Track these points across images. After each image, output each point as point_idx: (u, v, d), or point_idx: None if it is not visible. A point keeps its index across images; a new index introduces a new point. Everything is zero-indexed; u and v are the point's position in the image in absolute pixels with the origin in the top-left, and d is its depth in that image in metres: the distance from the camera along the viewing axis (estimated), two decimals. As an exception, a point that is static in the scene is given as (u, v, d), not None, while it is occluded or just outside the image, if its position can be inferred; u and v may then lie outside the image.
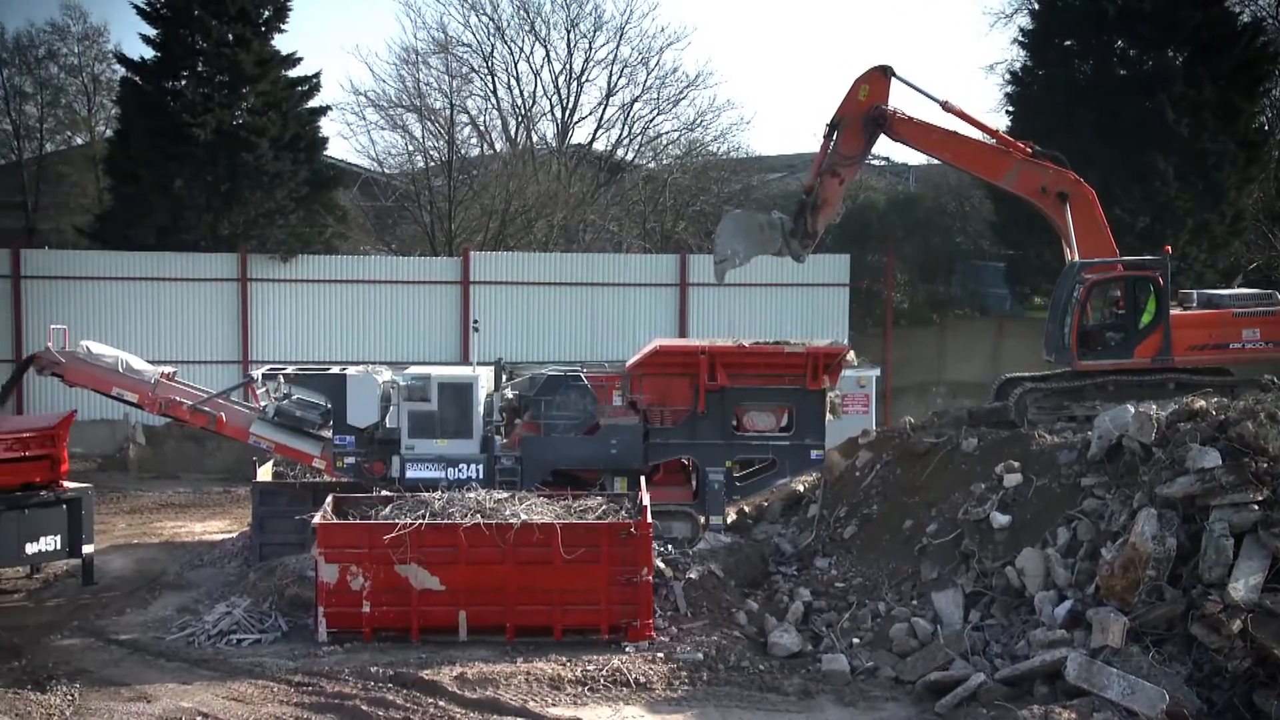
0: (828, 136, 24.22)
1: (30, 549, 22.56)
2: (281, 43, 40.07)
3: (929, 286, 45.55)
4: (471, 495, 20.35)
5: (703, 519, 23.64)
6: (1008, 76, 41.44)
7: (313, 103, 40.49)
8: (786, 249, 24.71)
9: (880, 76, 23.94)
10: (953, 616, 18.82)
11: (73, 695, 17.33)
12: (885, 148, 53.39)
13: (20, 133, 49.84)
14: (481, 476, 22.94)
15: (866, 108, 23.88)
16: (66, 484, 23.15)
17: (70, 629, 20.54)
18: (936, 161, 27.67)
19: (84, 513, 23.07)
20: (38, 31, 50.56)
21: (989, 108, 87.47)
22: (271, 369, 24.87)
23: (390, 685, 17.63)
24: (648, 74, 50.90)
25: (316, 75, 40.44)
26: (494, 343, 34.65)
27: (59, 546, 22.85)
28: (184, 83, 38.50)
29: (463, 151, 48.60)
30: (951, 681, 17.21)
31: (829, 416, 24.19)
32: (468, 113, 49.51)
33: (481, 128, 50.65)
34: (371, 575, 19.26)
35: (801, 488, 25.44)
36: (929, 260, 45.23)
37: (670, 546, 22.01)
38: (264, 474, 24.95)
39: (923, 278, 45.45)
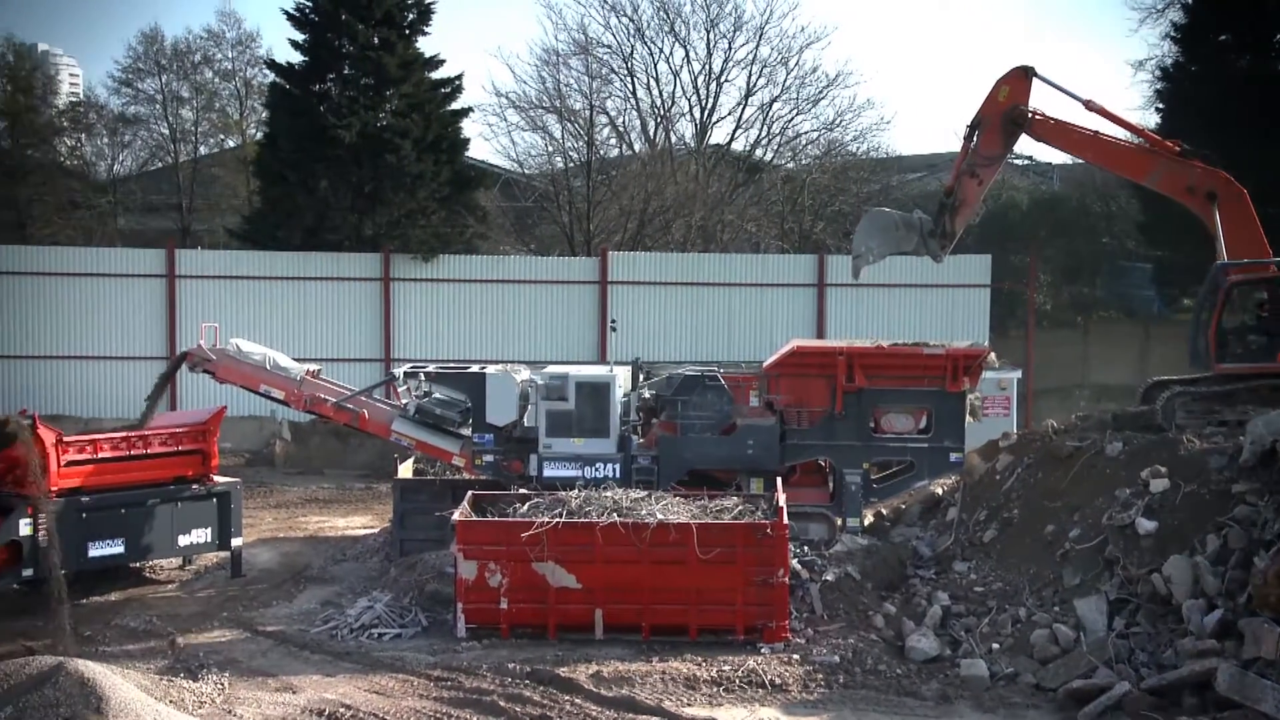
0: (968, 137, 23.91)
1: (182, 541, 23.19)
2: (425, 45, 40.91)
3: (1073, 288, 44.68)
4: (608, 494, 20.43)
5: (839, 521, 23.46)
6: (1157, 73, 40.49)
7: (455, 104, 41.05)
8: (925, 248, 24.42)
9: (1021, 77, 23.56)
10: (1096, 623, 18.42)
11: (223, 684, 17.75)
12: (1029, 147, 52.55)
13: (176, 136, 51.36)
14: (618, 475, 23.01)
15: (1006, 108, 23.53)
16: (216, 478, 23.73)
17: (220, 620, 21.07)
18: (1081, 161, 27.14)
19: (233, 506, 23.65)
20: (194, 38, 52.17)
21: (1136, 105, 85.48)
22: (413, 367, 25.18)
23: (527, 682, 17.77)
24: (787, 74, 50.71)
25: (459, 77, 41.01)
26: (631, 342, 34.75)
27: (209, 539, 23.46)
28: (330, 86, 39.28)
29: (601, 152, 48.86)
30: (1095, 690, 16.85)
31: (969, 419, 23.85)
32: (607, 113, 49.83)
33: (620, 128, 50.92)
34: (509, 572, 19.43)
35: (940, 490, 25.11)
36: (1073, 261, 44.37)
37: (806, 548, 21.87)
38: (405, 471, 25.32)
39: (1066, 279, 44.59)
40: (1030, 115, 23.46)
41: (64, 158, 53.10)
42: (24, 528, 20.88)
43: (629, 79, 50.67)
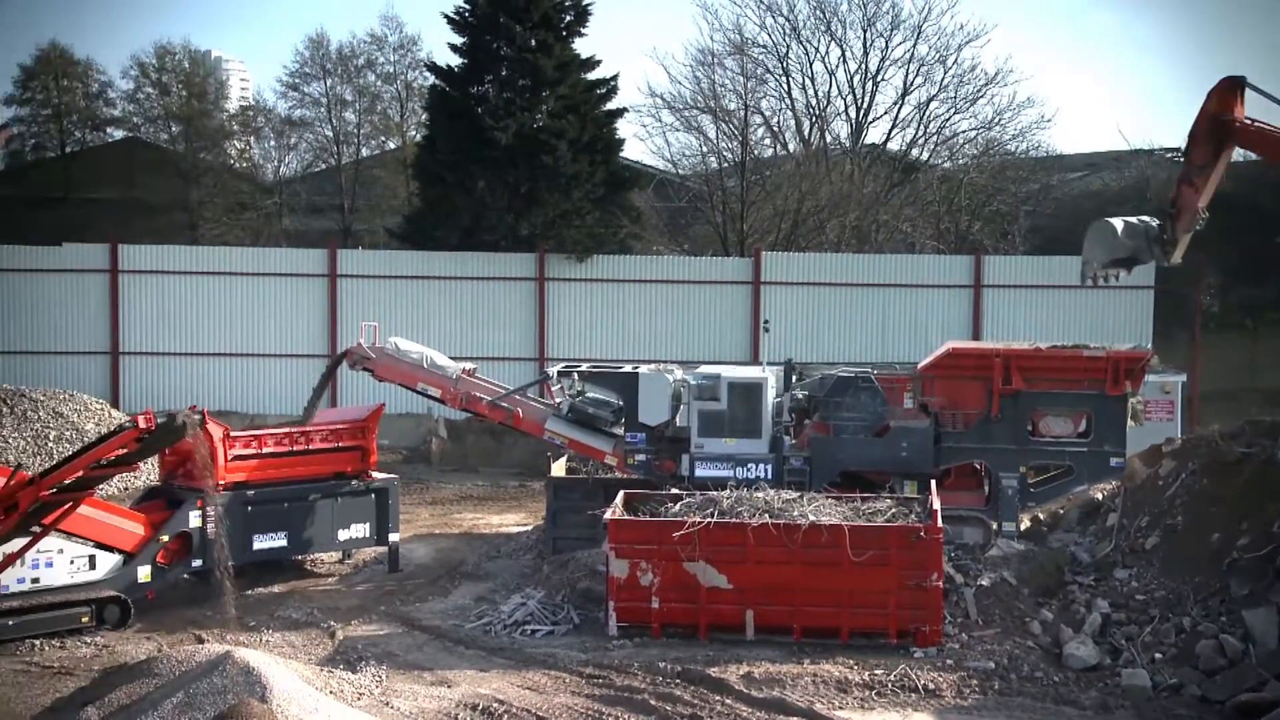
0: (1187, 146, 23.41)
1: (342, 536, 23.71)
2: (581, 47, 41.07)
3: (1242, 289, 43.28)
4: (760, 495, 20.38)
5: (995, 525, 23.07)
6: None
7: (610, 105, 41.25)
8: (1150, 254, 23.84)
9: (1229, 87, 22.93)
10: (1266, 635, 17.86)
11: (380, 676, 18.10)
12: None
13: (339, 138, 52.52)
14: (770, 476, 22.92)
15: (1214, 118, 22.93)
16: (375, 474, 24.21)
17: (378, 613, 21.49)
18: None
19: (390, 502, 24.09)
20: (358, 42, 53.30)
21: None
22: (566, 366, 25.36)
23: (678, 681, 17.81)
24: (945, 72, 49.97)
25: (614, 78, 41.22)
26: (784, 343, 34.61)
27: (368, 534, 23.95)
28: (488, 88, 39.77)
29: (756, 152, 48.72)
30: (1265, 704, 16.34)
31: (1130, 423, 23.29)
32: (762, 113, 49.65)
33: (775, 128, 50.70)
34: (660, 572, 19.48)
35: (1100, 496, 24.52)
36: (1243, 261, 42.97)
37: (961, 552, 21.57)
38: (558, 469, 25.52)
39: (1236, 280, 43.22)
40: (1234, 124, 22.80)
41: (233, 160, 54.68)
42: (193, 520, 21.56)
43: (784, 78, 50.45)
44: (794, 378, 25.12)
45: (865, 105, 50.96)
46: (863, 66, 50.49)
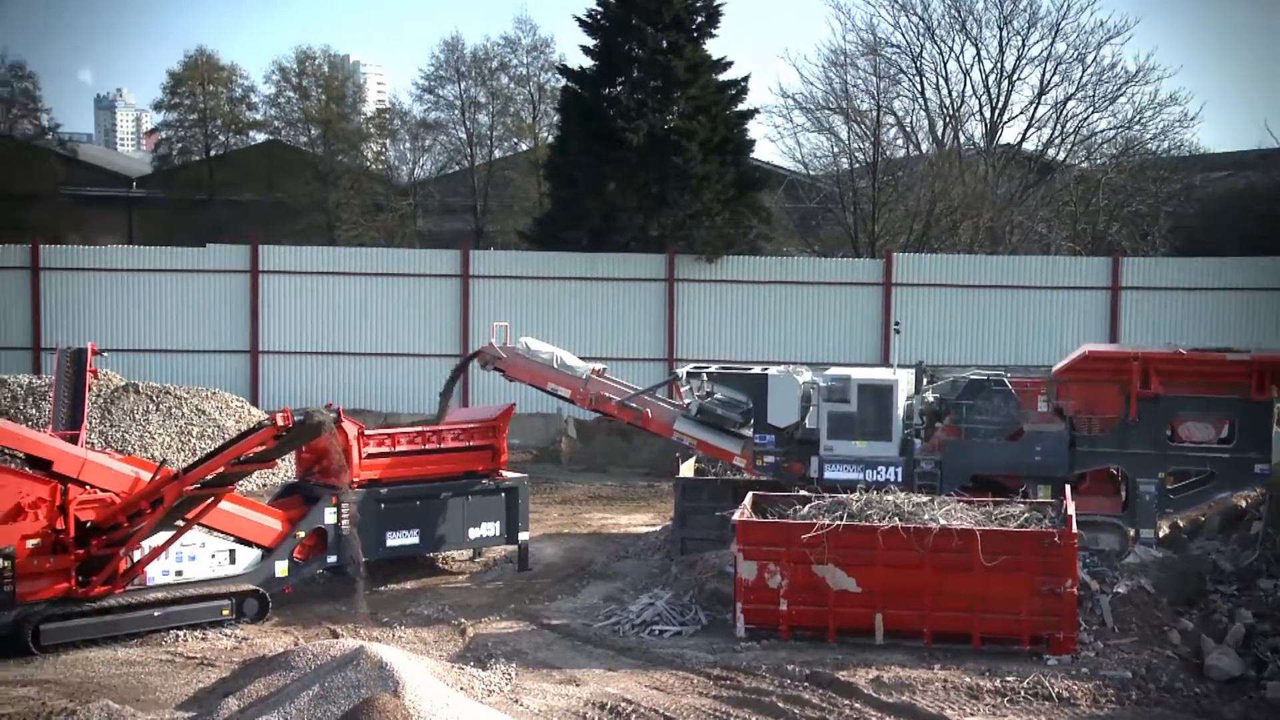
0: None
1: (472, 534, 23.99)
2: (713, 48, 41.02)
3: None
4: (890, 498, 20.21)
5: (1132, 532, 22.59)
6: None
7: (741, 106, 41.14)
8: None
9: None
10: None
11: (510, 674, 18.28)
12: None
13: (473, 140, 53.13)
14: (900, 479, 22.72)
15: None
16: (505, 474, 24.45)
17: (507, 611, 21.70)
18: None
19: (520, 501, 24.32)
20: (492, 45, 53.87)
21: None
22: (695, 367, 25.37)
23: (806, 684, 17.74)
24: (1083, 70, 48.93)
25: (745, 79, 41.10)
26: (915, 345, 34.27)
27: (498, 533, 24.20)
28: (619, 89, 39.92)
29: (888, 153, 48.26)
30: None
31: (1276, 429, 22.64)
32: (894, 114, 49.14)
33: (908, 128, 50.14)
34: (789, 574, 19.42)
35: (1243, 503, 23.89)
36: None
37: (1096, 558, 21.16)
38: (686, 470, 25.54)
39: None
40: None
41: (370, 162, 55.59)
42: (328, 516, 21.97)
43: (917, 78, 49.85)
44: (925, 380, 24.87)
45: (1000, 105, 50.18)
46: (998, 65, 49.73)
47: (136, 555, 19.74)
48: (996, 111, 50.19)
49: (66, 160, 55.75)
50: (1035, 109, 49.87)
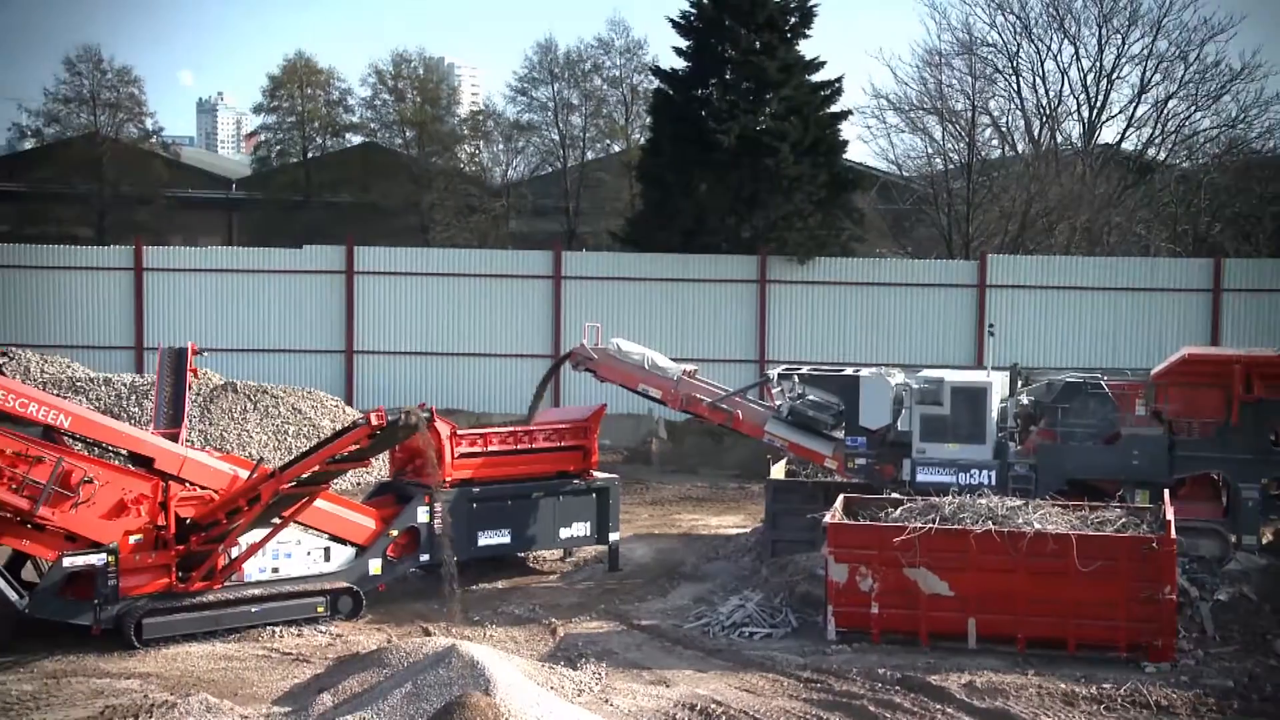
0: None
1: (563, 534, 24.08)
2: (806, 48, 40.88)
3: None
4: (983, 501, 19.99)
5: (1234, 538, 22.16)
6: None
7: (834, 107, 40.97)
8: None
9: None
10: None
11: (600, 674, 18.33)
12: None
13: (565, 142, 53.41)
14: (994, 483, 22.48)
15: None
16: (596, 474, 24.52)
17: (597, 611, 21.77)
18: None
19: (611, 502, 24.38)
20: (585, 47, 54.14)
21: None
22: (787, 369, 25.29)
23: (898, 688, 17.61)
24: (1186, 69, 48.14)
25: (839, 80, 40.95)
26: (1009, 347, 33.95)
27: (588, 533, 24.27)
28: (711, 91, 39.92)
29: (983, 153, 47.78)
30: None
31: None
32: (989, 114, 48.64)
33: (1003, 128, 49.62)
34: (880, 577, 19.30)
35: (1348, 510, 23.37)
36: None
37: (1196, 565, 20.80)
38: (777, 471, 25.46)
39: None
40: None
41: (463, 164, 56.04)
42: (421, 515, 22.17)
43: (1014, 78, 49.29)
44: (1020, 383, 24.61)
45: (1099, 104, 49.50)
46: (1097, 64, 49.07)
47: (234, 552, 20.07)
48: (1095, 111, 49.56)
49: (170, 163, 56.87)
50: (1135, 108, 49.21)
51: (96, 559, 19.10)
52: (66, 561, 19.04)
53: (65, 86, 54.17)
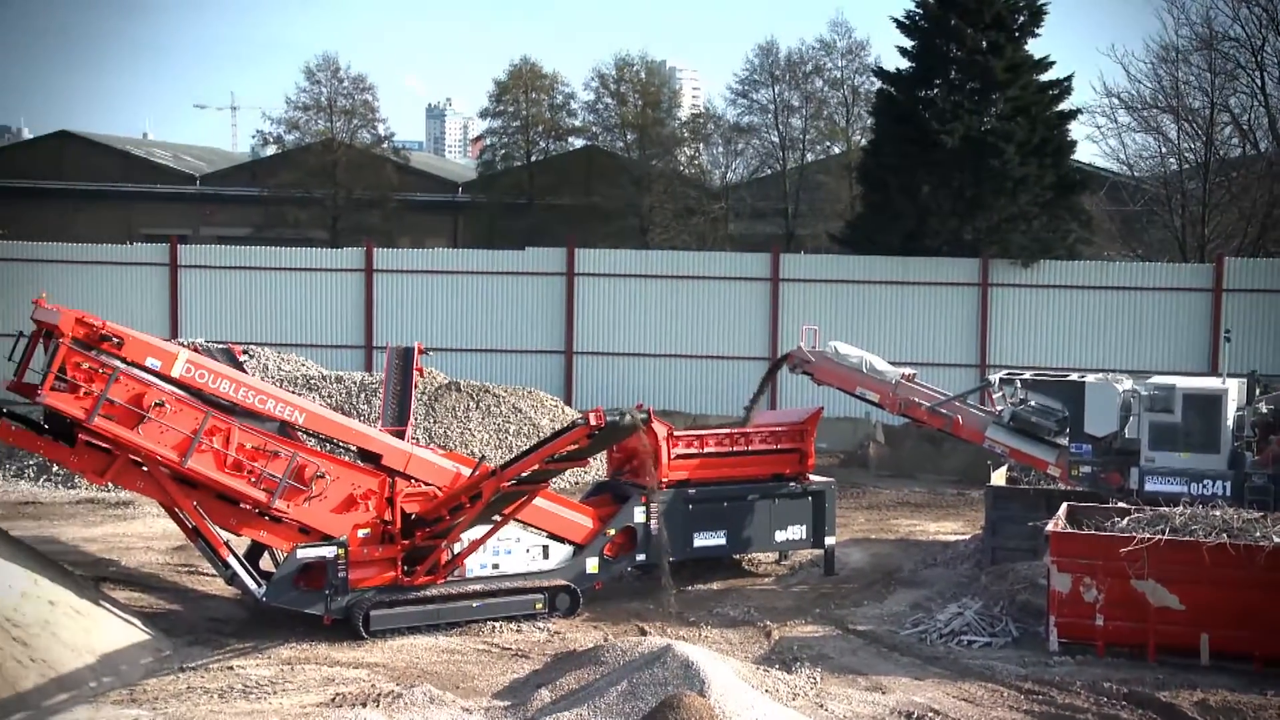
0: None
1: (779, 537, 24.01)
2: (1034, 47, 40.04)
3: None
4: (1216, 513, 19.28)
5: None
6: None
7: (1062, 106, 40.05)
8: None
9: None
10: None
11: (815, 678, 18.24)
12: None
13: (785, 144, 53.28)
14: (1228, 494, 21.62)
15: None
16: (812, 477, 24.40)
17: (813, 615, 21.66)
18: None
19: (827, 506, 24.22)
20: (807, 49, 53.95)
21: None
22: (1009, 374, 24.81)
23: (1124, 703, 17.11)
24: None
25: (1068, 78, 39.98)
26: (1247, 353, 32.70)
27: (804, 536, 24.16)
28: (935, 91, 39.39)
29: (1221, 153, 45.92)
30: None
31: None
32: (1230, 111, 46.64)
33: (1245, 127, 47.59)
34: (1105, 588, 18.78)
35: None
36: None
37: None
38: (998, 478, 24.99)
39: None
40: None
41: (683, 166, 56.35)
42: (638, 515, 22.37)
43: (1258, 73, 47.14)
44: (1258, 390, 23.61)
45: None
46: (1353, 57, 46.65)
47: (457, 548, 20.53)
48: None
49: (400, 168, 58.60)
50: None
51: (328, 551, 19.78)
52: (300, 553, 19.77)
53: (305, 94, 56.43)
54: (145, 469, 19.41)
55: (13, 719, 16.25)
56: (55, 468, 30.09)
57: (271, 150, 60.00)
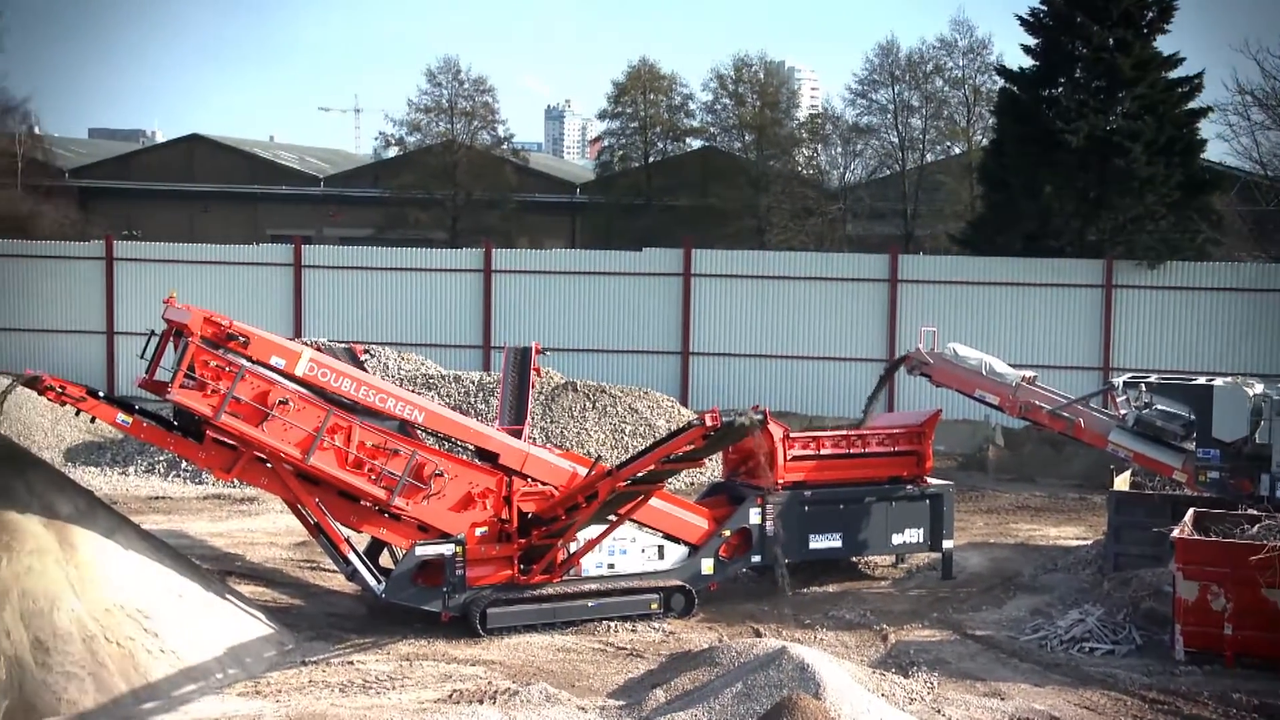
0: None
1: (895, 540, 23.80)
2: (1163, 44, 39.35)
3: None
4: (1351, 522, 18.74)
5: None
6: None
7: (1192, 104, 39.26)
8: None
9: None
10: None
11: (932, 683, 18.04)
12: None
13: (905, 144, 52.90)
14: (1364, 502, 21.01)
15: None
16: (930, 480, 24.15)
17: (930, 619, 21.44)
18: None
19: (945, 509, 23.96)
20: (927, 48, 53.60)
21: None
22: (1133, 377, 24.37)
23: (1256, 716, 16.70)
24: None
25: (1198, 76, 39.20)
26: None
27: (921, 539, 23.91)
28: (1060, 90, 38.85)
29: (1358, 150, 44.75)
30: None
31: None
32: (1366, 107, 45.47)
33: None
34: (1234, 597, 18.33)
35: None
36: None
37: None
38: (1121, 483, 24.55)
39: None
40: None
41: (801, 167, 56.20)
42: (754, 516, 22.30)
43: (1395, 69, 45.89)
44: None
45: None
46: None
47: (573, 547, 20.62)
48: None
49: (519, 169, 59.20)
50: None
51: (446, 549, 19.99)
52: (419, 550, 19.99)
53: (426, 97, 57.25)
54: (269, 465, 19.79)
55: (145, 707, 16.68)
56: (184, 464, 30.82)
57: (393, 152, 60.95)
